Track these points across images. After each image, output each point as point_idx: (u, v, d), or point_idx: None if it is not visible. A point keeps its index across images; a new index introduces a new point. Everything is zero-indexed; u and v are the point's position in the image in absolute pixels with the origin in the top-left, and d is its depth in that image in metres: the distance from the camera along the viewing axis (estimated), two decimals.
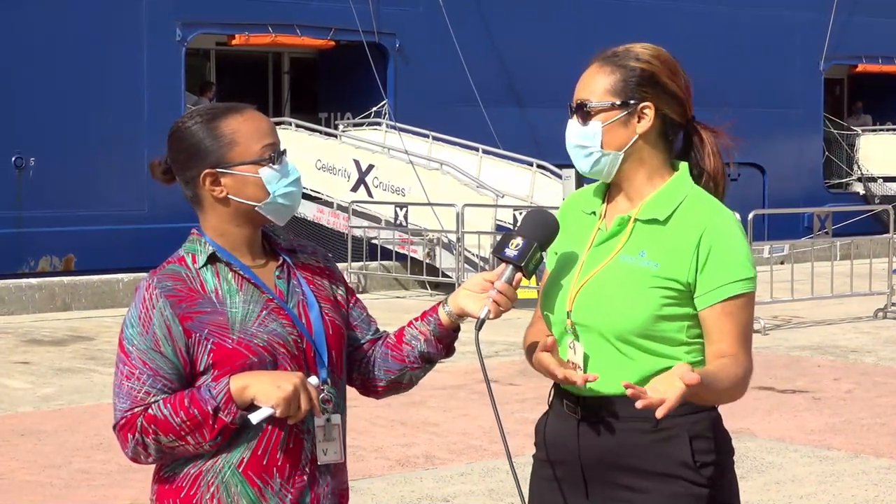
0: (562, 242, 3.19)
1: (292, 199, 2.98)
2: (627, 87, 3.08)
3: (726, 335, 3.04)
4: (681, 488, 3.03)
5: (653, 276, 3.03)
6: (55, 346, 13.18)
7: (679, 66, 3.15)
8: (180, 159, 2.98)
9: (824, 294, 15.55)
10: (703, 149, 3.17)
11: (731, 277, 3.03)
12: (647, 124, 3.09)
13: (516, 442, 3.07)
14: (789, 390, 10.53)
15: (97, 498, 7.35)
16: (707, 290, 3.03)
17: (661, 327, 3.02)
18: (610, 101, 3.08)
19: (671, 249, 3.05)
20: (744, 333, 3.06)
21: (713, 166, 3.17)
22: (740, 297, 3.04)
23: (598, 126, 3.09)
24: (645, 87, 3.08)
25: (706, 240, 3.04)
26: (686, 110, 3.14)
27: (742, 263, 3.04)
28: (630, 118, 3.09)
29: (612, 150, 3.09)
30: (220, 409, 2.83)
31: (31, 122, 18.18)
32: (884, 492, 7.42)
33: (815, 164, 26.96)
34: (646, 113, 3.09)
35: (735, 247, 3.05)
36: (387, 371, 3.11)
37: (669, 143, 3.16)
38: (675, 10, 24.07)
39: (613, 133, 3.09)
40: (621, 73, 3.09)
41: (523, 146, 20.66)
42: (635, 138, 3.09)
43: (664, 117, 3.11)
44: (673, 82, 3.11)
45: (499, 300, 3.00)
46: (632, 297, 3.03)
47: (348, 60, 21.50)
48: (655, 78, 3.09)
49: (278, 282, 3.00)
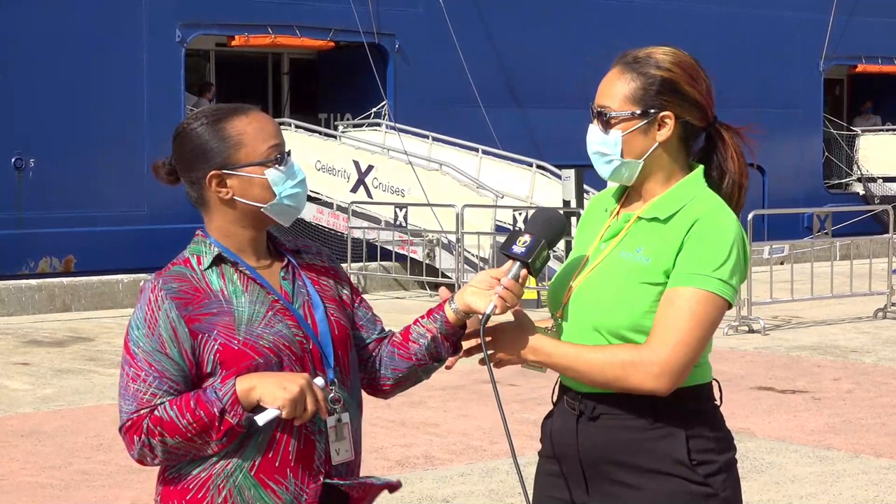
0: (580, 240, 3.22)
1: (298, 201, 2.99)
2: (647, 95, 3.06)
3: (658, 323, 2.96)
4: (677, 486, 3.03)
5: (645, 271, 3.03)
6: (55, 346, 13.18)
7: (700, 70, 3.13)
8: (186, 160, 2.97)
9: (824, 294, 15.56)
10: (725, 150, 3.15)
11: (695, 269, 2.98)
12: (667, 133, 3.08)
13: (517, 442, 3.08)
14: (789, 390, 10.53)
15: (97, 498, 7.35)
16: (672, 275, 3.00)
17: (651, 322, 3.01)
18: (630, 110, 3.07)
19: (664, 244, 3.04)
20: (679, 326, 2.94)
21: (736, 168, 3.15)
22: (695, 290, 2.96)
23: (619, 135, 3.08)
24: (665, 95, 3.07)
25: (693, 230, 3.01)
26: (707, 114, 3.13)
27: (714, 261, 2.98)
28: (650, 127, 3.08)
29: (631, 159, 3.09)
30: (226, 410, 2.83)
31: (31, 123, 18.18)
32: (884, 492, 7.42)
33: (814, 164, 26.96)
34: (666, 122, 3.08)
35: (716, 243, 2.99)
36: (394, 370, 3.11)
37: (689, 147, 3.15)
38: (676, 11, 24.07)
39: (633, 142, 3.08)
40: (641, 82, 3.07)
41: (523, 147, 20.68)
42: (655, 146, 3.09)
43: (685, 124, 3.10)
44: (694, 89, 3.09)
45: (505, 296, 3.00)
46: (624, 291, 3.03)
47: (348, 61, 21.50)
48: (676, 86, 3.07)
49: (283, 283, 3.00)
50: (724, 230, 3.02)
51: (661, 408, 3.03)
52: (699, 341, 2.97)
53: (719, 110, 3.17)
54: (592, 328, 3.06)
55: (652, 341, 2.97)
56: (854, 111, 30.01)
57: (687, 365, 2.97)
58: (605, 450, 3.07)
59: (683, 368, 2.96)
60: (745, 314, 14.07)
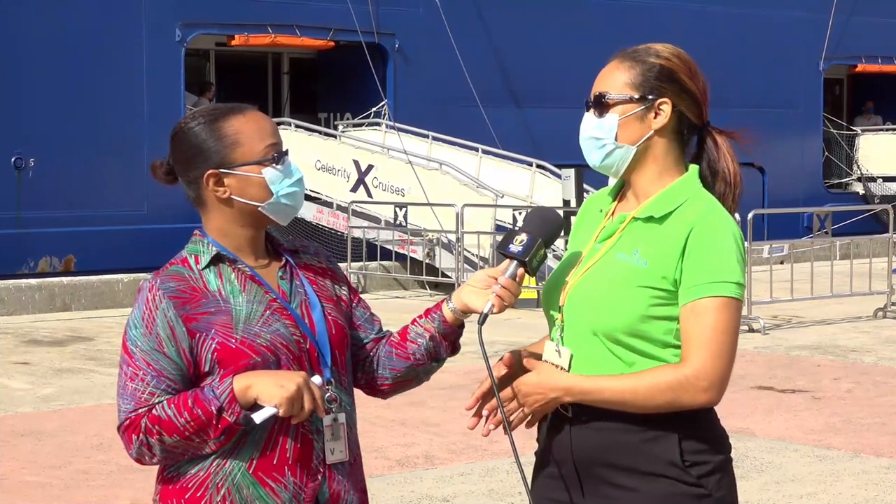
0: (575, 240, 3.21)
1: (295, 200, 2.99)
2: (646, 81, 3.08)
3: (690, 338, 2.98)
4: (669, 487, 3.02)
5: (642, 275, 3.02)
6: (55, 346, 13.18)
7: (698, 68, 3.14)
8: (183, 160, 2.98)
9: (824, 294, 15.56)
10: (717, 152, 3.15)
11: (708, 278, 2.98)
12: (663, 120, 3.08)
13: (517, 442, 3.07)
14: (789, 390, 10.53)
15: (97, 498, 7.35)
16: (685, 287, 3.00)
17: (649, 327, 3.00)
18: (628, 94, 3.08)
19: (662, 247, 3.03)
20: (710, 337, 2.97)
21: (729, 170, 3.14)
22: (714, 298, 2.98)
23: (615, 118, 3.08)
24: (664, 82, 3.08)
25: (693, 236, 3.01)
26: (702, 112, 3.14)
27: (724, 265, 2.99)
28: (647, 113, 3.08)
29: (625, 144, 3.09)
30: (223, 408, 2.83)
31: (31, 123, 18.18)
32: (884, 492, 7.42)
33: (814, 164, 26.96)
34: (662, 109, 3.08)
35: (721, 247, 3.00)
36: (392, 369, 3.11)
37: (683, 143, 3.15)
38: (675, 11, 24.07)
39: (629, 126, 3.08)
40: (640, 68, 3.08)
41: (522, 146, 20.67)
42: (650, 133, 3.09)
43: (680, 115, 3.11)
44: (692, 81, 3.11)
45: (502, 295, 3.00)
46: (620, 294, 3.02)
47: (348, 61, 21.49)
48: (674, 75, 3.09)
49: (281, 282, 3.00)
50: (724, 231, 3.02)
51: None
52: (731, 346, 3.00)
53: (719, 110, 3.18)
54: (591, 332, 3.05)
55: (690, 357, 2.97)
56: (854, 111, 30.01)
57: (728, 372, 3.00)
58: (599, 452, 3.06)
59: (726, 376, 2.99)
60: (745, 314, 14.06)
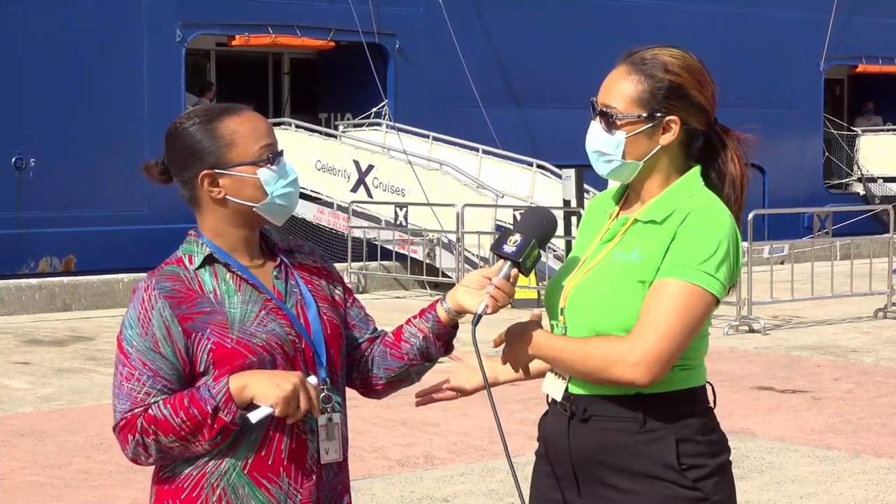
0: (580, 241, 3.21)
1: (290, 200, 2.99)
2: (654, 99, 3.03)
3: (642, 313, 2.94)
4: (665, 490, 3.01)
5: (637, 269, 3.01)
6: (55, 346, 13.18)
7: (707, 74, 3.09)
8: (178, 160, 2.98)
9: (824, 294, 15.56)
10: (725, 153, 3.12)
11: (684, 261, 2.95)
12: (670, 137, 3.05)
13: (517, 442, 3.08)
14: (789, 390, 10.53)
15: (97, 498, 7.35)
16: (661, 267, 2.97)
17: None
18: (636, 112, 3.03)
19: (657, 242, 3.02)
20: (662, 317, 2.90)
21: (736, 171, 3.12)
22: (682, 282, 2.93)
23: (622, 136, 3.05)
24: (673, 100, 3.03)
25: (684, 223, 2.99)
26: (710, 118, 3.10)
27: (705, 255, 2.95)
28: (655, 130, 3.05)
29: (632, 160, 3.06)
30: (219, 408, 2.83)
31: (31, 123, 18.19)
32: (884, 492, 7.42)
33: (815, 164, 26.96)
34: (671, 126, 3.05)
35: (709, 239, 2.96)
36: (386, 369, 3.11)
37: (689, 150, 3.12)
38: (675, 11, 24.07)
39: (636, 144, 3.05)
40: (649, 84, 3.03)
41: (523, 146, 20.67)
42: (657, 149, 3.06)
43: (688, 128, 3.07)
44: (700, 94, 3.06)
45: (496, 295, 3.00)
46: (618, 292, 3.01)
47: (348, 61, 21.50)
48: (684, 91, 3.04)
49: (276, 282, 3.01)
50: (715, 225, 2.99)
51: (652, 411, 3.01)
52: (682, 334, 2.92)
53: (719, 110, 3.15)
54: (591, 331, 3.05)
55: (633, 332, 2.94)
56: (854, 111, 30.01)
57: (668, 357, 2.91)
58: (596, 452, 3.06)
59: (664, 361, 2.91)
60: (745, 314, 14.07)
